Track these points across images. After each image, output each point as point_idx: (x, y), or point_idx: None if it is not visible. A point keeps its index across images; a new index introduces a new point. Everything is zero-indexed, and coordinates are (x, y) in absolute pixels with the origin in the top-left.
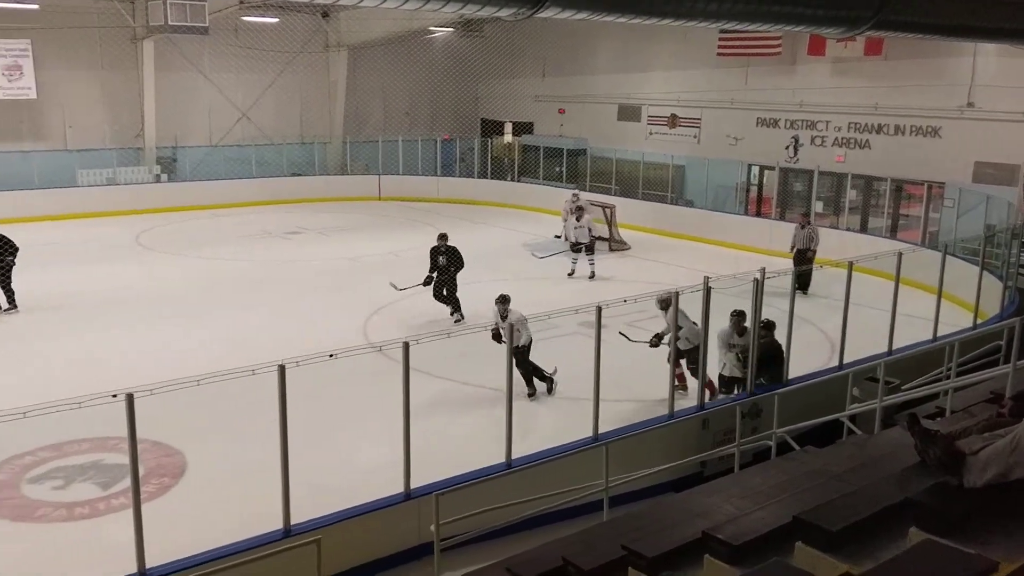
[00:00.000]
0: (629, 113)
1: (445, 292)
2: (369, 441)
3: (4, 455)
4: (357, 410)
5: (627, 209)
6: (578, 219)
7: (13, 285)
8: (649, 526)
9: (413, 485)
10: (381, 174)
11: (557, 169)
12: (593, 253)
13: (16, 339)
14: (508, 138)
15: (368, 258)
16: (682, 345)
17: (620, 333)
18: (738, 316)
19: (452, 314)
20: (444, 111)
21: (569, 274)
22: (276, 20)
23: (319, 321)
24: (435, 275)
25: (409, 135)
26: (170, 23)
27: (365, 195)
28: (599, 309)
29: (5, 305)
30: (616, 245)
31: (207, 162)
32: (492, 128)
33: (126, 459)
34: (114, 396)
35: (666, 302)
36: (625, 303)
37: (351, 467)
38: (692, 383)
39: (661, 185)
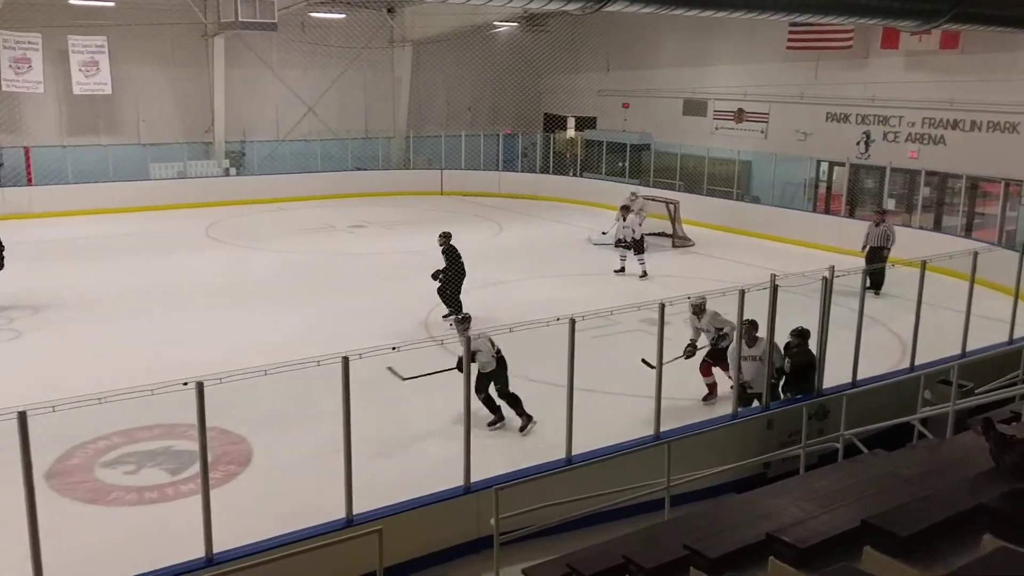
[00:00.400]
0: (694, 108)
1: (448, 292)
2: (430, 434)
3: (78, 439)
4: (419, 403)
5: (691, 205)
6: (623, 219)
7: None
8: (711, 526)
9: (473, 479)
10: (443, 169)
11: (620, 164)
12: (641, 253)
13: (90, 326)
14: (571, 133)
15: (430, 252)
16: (723, 343)
17: (643, 361)
18: (749, 325)
19: (445, 317)
20: (506, 106)
21: (616, 271)
22: (343, 16)
23: (382, 314)
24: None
25: (471, 130)
26: (240, 19)
27: (427, 190)
28: (662, 306)
29: None
30: (679, 241)
31: (274, 156)
32: (555, 123)
33: (194, 446)
34: (185, 384)
35: (700, 307)
36: (689, 300)
37: (412, 459)
38: (723, 384)
39: (727, 181)
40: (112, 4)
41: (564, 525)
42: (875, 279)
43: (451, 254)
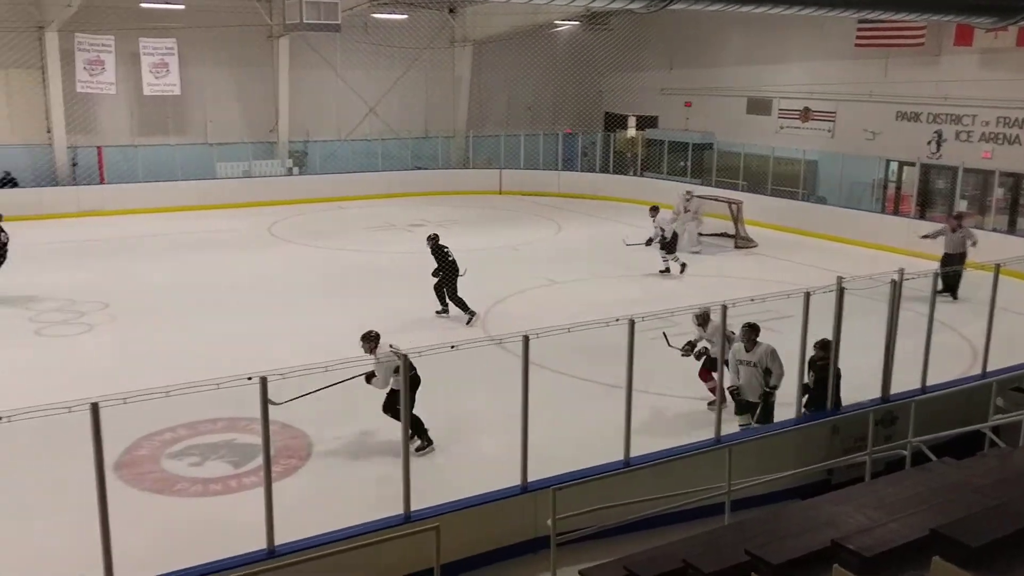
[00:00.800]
0: (759, 106)
1: (446, 293)
2: (487, 433)
3: (146, 431)
4: (476, 401)
5: (755, 205)
6: (653, 218)
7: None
8: (774, 532)
9: (530, 479)
10: (503, 168)
11: (682, 164)
12: (671, 252)
13: (157, 321)
14: (631, 132)
15: (488, 251)
16: (715, 354)
17: (664, 335)
18: (749, 329)
19: (440, 313)
20: (567, 105)
21: (661, 271)
22: (405, 16)
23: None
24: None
25: (531, 129)
26: (305, 21)
27: (486, 189)
28: (724, 308)
29: None
30: (742, 242)
31: (335, 156)
32: (615, 122)
33: (256, 439)
34: (249, 379)
35: (703, 318)
36: (752, 302)
37: (469, 457)
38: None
39: (791, 181)
40: (182, 7)
41: (621, 527)
42: (949, 283)
43: (439, 253)
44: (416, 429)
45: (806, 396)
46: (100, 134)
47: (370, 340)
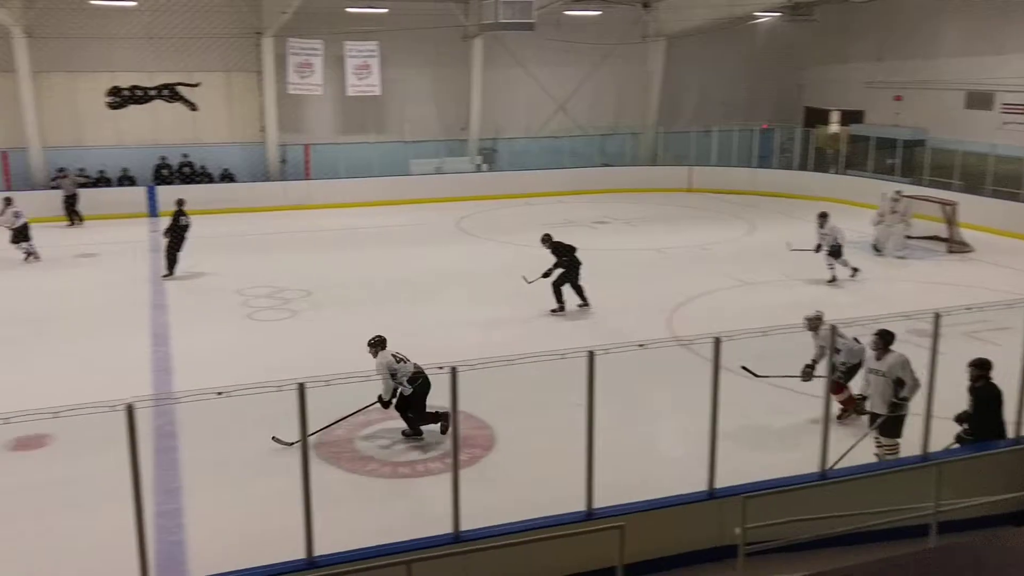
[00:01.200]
0: (979, 100)
1: (561, 282)
2: (675, 434)
3: (343, 412)
4: (662, 401)
5: (971, 207)
6: (821, 225)
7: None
8: (985, 560)
9: (718, 484)
10: (693, 165)
11: (889, 161)
12: (836, 258)
13: (355, 309)
14: (834, 127)
15: (675, 250)
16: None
17: (743, 368)
18: (879, 336)
19: (581, 306)
20: (763, 99)
21: (829, 281)
22: (598, 13)
23: (623, 311)
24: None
25: (724, 125)
26: (500, 20)
27: (675, 186)
28: (937, 316)
29: (164, 271)
30: (956, 247)
31: (523, 153)
32: (816, 117)
33: None
34: (440, 368)
35: (815, 321)
36: (969, 311)
37: (655, 458)
38: None
39: (1015, 181)
40: (385, 11)
41: (814, 542)
42: None
43: (558, 249)
44: (413, 424)
45: (965, 424)
46: (307, 133)
47: (374, 346)
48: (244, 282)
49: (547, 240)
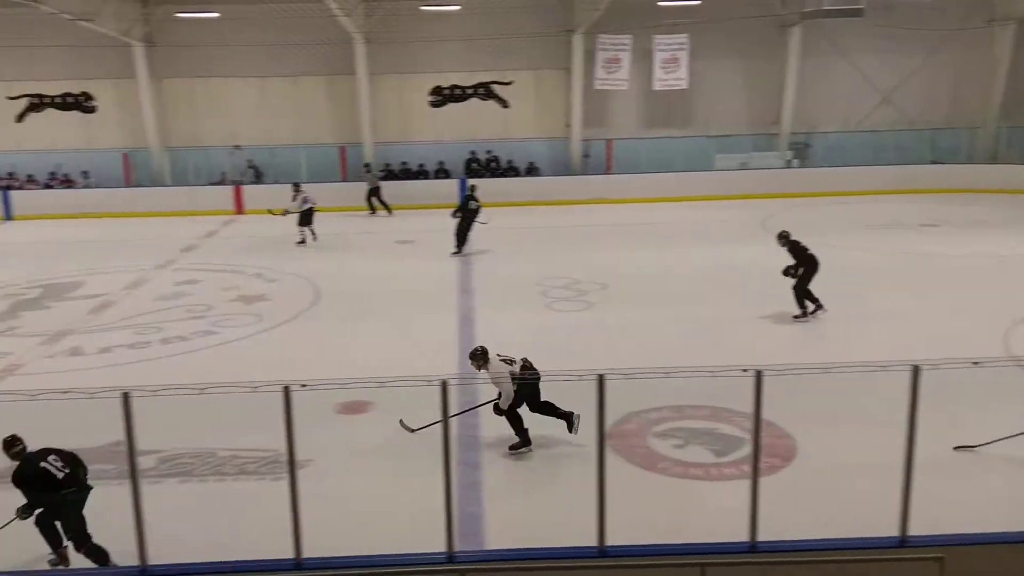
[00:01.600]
0: None
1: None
2: (1003, 464)
3: (636, 407)
4: (992, 425)
5: None
6: None
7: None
8: None
9: None
10: None
11: None
12: None
13: (645, 304)
14: None
15: (1018, 259)
16: None
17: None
18: None
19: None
20: None
21: None
22: None
23: (952, 323)
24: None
25: None
26: (824, 7)
27: (1019, 187)
28: None
29: (454, 249)
30: None
31: (837, 148)
32: None
33: (738, 432)
34: (744, 371)
35: None
36: None
37: (977, 487)
38: None
39: None
40: (698, 2)
41: None
42: None
43: (796, 249)
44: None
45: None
46: (610, 127)
47: (477, 358)
48: (544, 272)
49: (784, 238)
